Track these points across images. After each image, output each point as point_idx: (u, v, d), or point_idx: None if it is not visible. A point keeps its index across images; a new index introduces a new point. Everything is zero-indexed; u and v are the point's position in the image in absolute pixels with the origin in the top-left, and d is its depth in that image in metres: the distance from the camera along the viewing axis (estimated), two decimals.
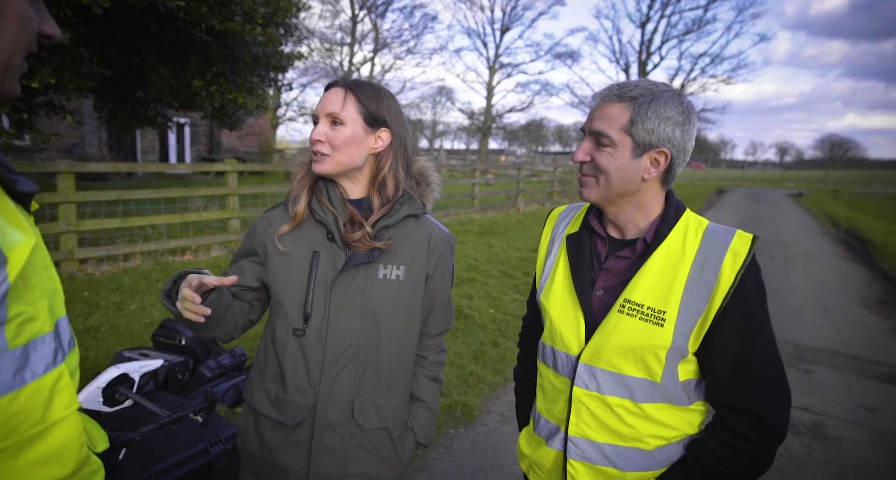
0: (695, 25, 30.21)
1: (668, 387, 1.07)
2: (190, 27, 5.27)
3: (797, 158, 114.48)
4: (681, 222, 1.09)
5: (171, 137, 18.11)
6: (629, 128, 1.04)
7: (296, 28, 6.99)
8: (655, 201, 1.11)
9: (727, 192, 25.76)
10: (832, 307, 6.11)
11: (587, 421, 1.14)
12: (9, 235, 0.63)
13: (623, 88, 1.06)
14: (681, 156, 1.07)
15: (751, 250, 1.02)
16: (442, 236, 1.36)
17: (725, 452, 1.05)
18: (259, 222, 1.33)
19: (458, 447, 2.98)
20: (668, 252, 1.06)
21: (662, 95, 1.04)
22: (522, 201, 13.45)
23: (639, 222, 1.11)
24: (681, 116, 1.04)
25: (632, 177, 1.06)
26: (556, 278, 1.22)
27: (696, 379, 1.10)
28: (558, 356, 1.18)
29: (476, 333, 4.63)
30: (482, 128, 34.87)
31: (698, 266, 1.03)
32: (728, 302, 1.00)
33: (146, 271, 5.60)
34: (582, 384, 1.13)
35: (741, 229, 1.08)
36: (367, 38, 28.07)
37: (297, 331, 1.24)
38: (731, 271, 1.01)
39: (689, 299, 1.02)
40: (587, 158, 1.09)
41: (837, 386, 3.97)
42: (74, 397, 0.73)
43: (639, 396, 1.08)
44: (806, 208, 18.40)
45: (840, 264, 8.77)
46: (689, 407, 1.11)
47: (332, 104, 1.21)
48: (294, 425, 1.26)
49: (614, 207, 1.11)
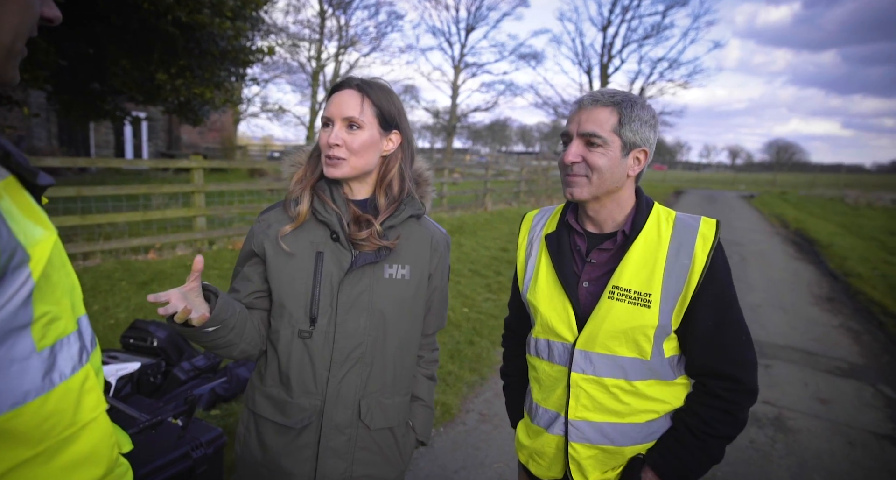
0: (654, 30, 31.11)
1: (656, 364, 1.19)
2: (155, 18, 5.08)
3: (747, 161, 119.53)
4: (653, 213, 1.22)
5: (128, 131, 17.40)
6: (618, 129, 1.15)
7: (263, 22, 6.83)
8: (630, 197, 1.23)
9: (685, 193, 26.66)
10: (787, 305, 6.42)
11: (585, 404, 1.23)
12: (30, 230, 0.61)
13: (605, 94, 1.18)
14: (652, 155, 1.22)
15: (716, 233, 1.17)
16: (441, 236, 1.39)
17: (709, 413, 1.19)
18: (256, 226, 1.30)
19: (438, 446, 3.00)
20: (646, 240, 1.18)
21: (638, 101, 1.17)
22: (490, 200, 13.56)
23: (616, 216, 1.23)
24: (653, 120, 1.19)
25: (620, 174, 1.17)
26: (539, 275, 1.31)
27: (677, 355, 1.23)
28: (553, 347, 1.27)
29: (451, 332, 4.65)
30: (447, 127, 34.93)
31: (674, 251, 1.16)
32: (703, 281, 1.13)
33: (108, 271, 5.39)
34: (579, 370, 1.22)
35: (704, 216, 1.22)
36: (334, 36, 27.70)
37: (304, 333, 1.23)
38: (703, 252, 1.14)
39: (669, 281, 1.15)
40: (578, 159, 1.18)
41: (795, 380, 4.18)
42: (102, 397, 0.72)
43: (632, 374, 1.20)
44: (758, 210, 19.23)
45: (791, 263, 9.22)
46: (674, 382, 1.24)
47: (349, 107, 1.20)
48: (301, 428, 1.25)
49: (598, 203, 1.21)
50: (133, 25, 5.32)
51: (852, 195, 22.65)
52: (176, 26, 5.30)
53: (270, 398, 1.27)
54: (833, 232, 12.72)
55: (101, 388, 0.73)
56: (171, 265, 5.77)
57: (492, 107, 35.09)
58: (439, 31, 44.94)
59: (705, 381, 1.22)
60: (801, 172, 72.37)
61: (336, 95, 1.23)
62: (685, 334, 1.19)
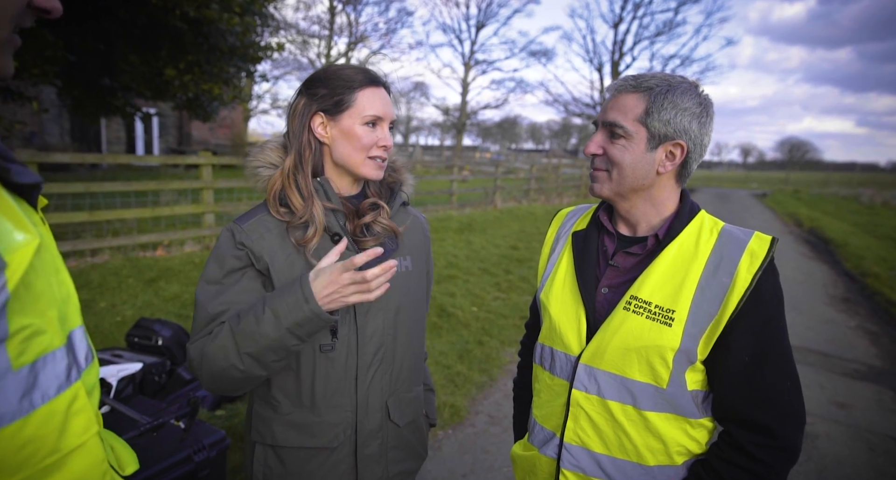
0: (665, 27, 30.73)
1: (675, 395, 1.01)
2: (163, 13, 5.05)
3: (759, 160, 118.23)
4: (695, 220, 1.06)
5: (139, 127, 17.49)
6: (644, 118, 1.00)
7: (272, 18, 6.79)
8: (670, 199, 1.07)
9: (696, 191, 26.40)
10: (802, 306, 6.29)
11: (584, 428, 1.08)
12: (7, 235, 0.55)
13: (638, 79, 1.03)
14: (697, 150, 1.04)
15: (769, 251, 0.98)
16: (425, 221, 1.38)
17: (730, 473, 0.98)
18: (245, 238, 1.13)
19: (447, 449, 2.94)
20: (680, 249, 1.02)
21: (679, 86, 1.01)
22: (500, 198, 13.47)
23: (651, 219, 1.07)
24: (698, 108, 1.02)
25: (646, 171, 1.02)
26: (557, 274, 1.18)
27: (705, 391, 1.04)
28: (557, 357, 1.14)
29: (460, 332, 4.59)
30: (457, 124, 34.81)
31: (712, 266, 0.99)
32: (743, 305, 0.95)
33: (116, 267, 5.38)
34: (581, 387, 1.07)
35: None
36: (343, 32, 27.67)
37: (325, 346, 1.15)
38: (748, 272, 0.96)
39: (702, 299, 0.97)
40: (599, 150, 1.06)
41: (811, 383, 4.08)
42: (93, 418, 0.65)
43: (642, 402, 1.02)
44: (770, 208, 18.98)
45: (806, 263, 9.06)
46: (697, 421, 1.04)
47: (392, 110, 1.18)
48: (336, 446, 1.18)
49: (627, 202, 1.07)
50: (141, 20, 5.30)
51: (867, 194, 22.26)
52: (184, 21, 5.27)
53: (294, 425, 1.17)
54: (848, 231, 12.49)
55: (93, 409, 0.67)
56: (178, 262, 5.76)
57: (502, 104, 34.92)
58: (449, 27, 44.85)
59: (731, 429, 1.01)
60: (814, 171, 71.43)
61: (381, 93, 1.16)
62: (714, 366, 1.00)
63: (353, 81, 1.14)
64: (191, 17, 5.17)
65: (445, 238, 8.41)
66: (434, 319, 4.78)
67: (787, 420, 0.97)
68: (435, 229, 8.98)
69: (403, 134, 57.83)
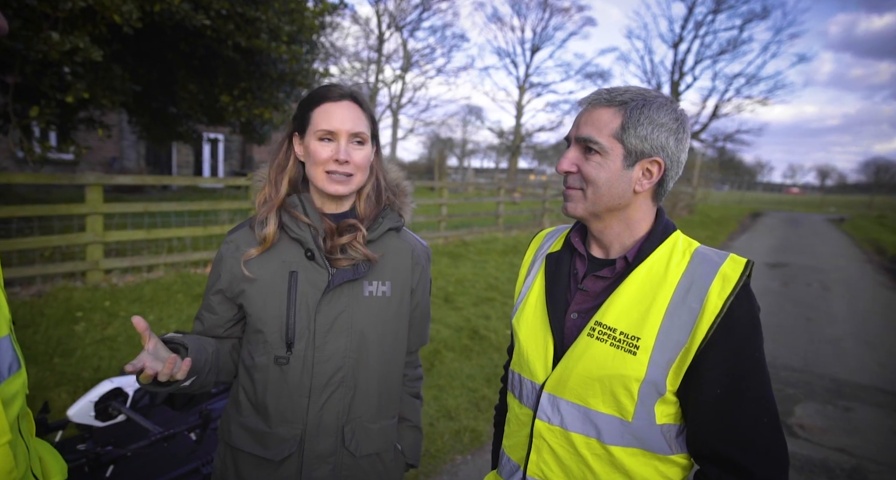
0: (729, 46, 29.75)
1: (642, 429, 0.94)
2: (217, 44, 5.40)
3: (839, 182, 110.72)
4: (668, 241, 0.99)
5: (206, 151, 18.63)
6: (620, 134, 0.95)
7: (322, 46, 7.11)
8: (644, 219, 1.02)
9: (763, 215, 24.97)
10: (874, 339, 5.73)
11: (547, 462, 1.02)
12: None
13: (612, 92, 0.98)
14: (674, 167, 0.98)
15: (743, 274, 0.90)
16: (422, 249, 1.32)
17: None
18: (224, 248, 1.24)
19: (463, 475, 2.84)
20: (648, 273, 0.96)
21: (655, 101, 0.96)
22: (548, 220, 13.28)
23: (625, 240, 1.02)
24: (675, 124, 0.96)
25: (622, 189, 0.97)
26: (529, 299, 1.13)
27: (678, 425, 0.96)
28: (524, 385, 1.08)
29: (491, 354, 4.49)
30: (511, 147, 34.87)
31: (682, 291, 0.92)
32: (714, 333, 0.88)
33: (167, 283, 5.67)
34: (545, 417, 1.01)
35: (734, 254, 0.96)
36: (394, 56, 28.55)
37: (280, 359, 1.16)
38: (719, 297, 0.89)
39: (670, 327, 0.91)
40: (573, 168, 1.00)
41: (881, 427, 3.67)
42: (6, 427, 0.66)
43: (607, 436, 0.95)
44: (848, 234, 17.63)
45: (884, 294, 8.30)
46: (668, 458, 0.96)
47: (355, 124, 1.15)
48: (280, 460, 1.18)
49: (601, 222, 1.02)
50: (199, 51, 5.68)
51: None
52: (237, 51, 5.61)
53: (248, 429, 1.21)
54: None
55: (8, 418, 0.67)
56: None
57: (557, 126, 34.76)
58: (504, 51, 45.34)
59: (708, 470, 0.93)
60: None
61: (333, 107, 1.15)
62: (686, 398, 0.93)
63: (313, 98, 1.17)
64: (242, 47, 5.49)
65: (489, 260, 8.33)
66: (466, 341, 4.70)
67: (766, 461, 0.89)
68: (479, 251, 8.93)
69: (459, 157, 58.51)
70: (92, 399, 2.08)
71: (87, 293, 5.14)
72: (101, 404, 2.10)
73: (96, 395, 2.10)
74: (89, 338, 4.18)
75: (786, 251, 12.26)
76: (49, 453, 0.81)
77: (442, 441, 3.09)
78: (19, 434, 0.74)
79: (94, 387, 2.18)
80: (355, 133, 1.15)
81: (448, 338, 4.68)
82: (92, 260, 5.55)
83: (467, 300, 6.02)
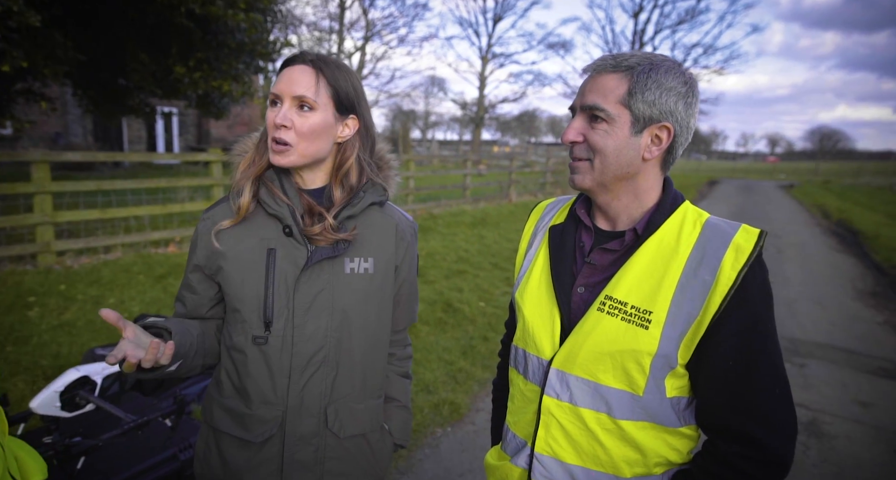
0: (687, 15, 30.02)
1: (653, 403, 0.93)
2: (169, 11, 5.06)
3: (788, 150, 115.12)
4: (677, 212, 0.97)
5: (159, 126, 17.78)
6: (627, 100, 0.91)
7: (282, 14, 6.78)
8: (653, 188, 0.99)
9: (719, 183, 25.77)
10: (826, 300, 6.05)
11: (556, 437, 1.01)
12: None
13: (618, 58, 0.94)
14: (683, 133, 0.95)
15: (756, 246, 0.89)
16: (408, 224, 1.28)
17: None
18: (201, 225, 1.18)
19: (445, 447, 2.87)
20: (659, 245, 0.94)
21: (662, 65, 0.92)
22: (515, 191, 13.34)
23: (633, 211, 0.99)
24: (683, 87, 0.93)
25: (631, 157, 0.94)
26: (533, 272, 1.10)
27: (686, 397, 0.96)
28: (529, 361, 1.06)
29: (465, 327, 4.52)
30: (475, 118, 34.63)
31: (694, 263, 0.91)
32: (727, 305, 0.87)
33: (127, 264, 5.44)
34: (553, 394, 1.00)
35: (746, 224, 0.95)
36: (355, 26, 27.66)
37: (259, 339, 1.12)
38: (733, 269, 0.88)
39: (682, 299, 0.90)
40: (579, 138, 0.96)
41: (833, 381, 3.90)
42: None
43: (617, 411, 0.95)
44: (797, 200, 18.41)
45: (832, 256, 8.74)
46: (677, 430, 0.96)
47: (301, 86, 1.06)
48: (261, 442, 1.15)
49: (609, 194, 0.99)
50: (150, 19, 5.32)
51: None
52: (190, 19, 5.27)
53: (229, 410, 1.18)
54: (880, 223, 12.04)
55: None
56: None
57: (520, 97, 34.65)
58: (466, 21, 44.59)
59: (717, 440, 0.93)
60: (846, 161, 69.15)
61: (287, 71, 1.09)
62: (697, 371, 0.92)
63: (282, 64, 1.12)
64: (197, 15, 5.17)
65: (457, 233, 8.34)
66: (440, 314, 4.71)
67: (776, 431, 0.89)
68: (447, 223, 8.91)
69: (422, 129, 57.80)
70: (57, 389, 1.98)
71: (40, 277, 4.88)
72: (68, 393, 2.01)
73: (61, 384, 2.00)
74: (45, 324, 3.99)
75: (742, 217, 12.72)
76: (26, 452, 0.76)
77: (422, 414, 3.11)
78: None
79: (58, 377, 2.08)
80: (298, 96, 1.06)
81: (422, 312, 4.68)
82: (42, 242, 5.26)
83: (439, 273, 6.02)
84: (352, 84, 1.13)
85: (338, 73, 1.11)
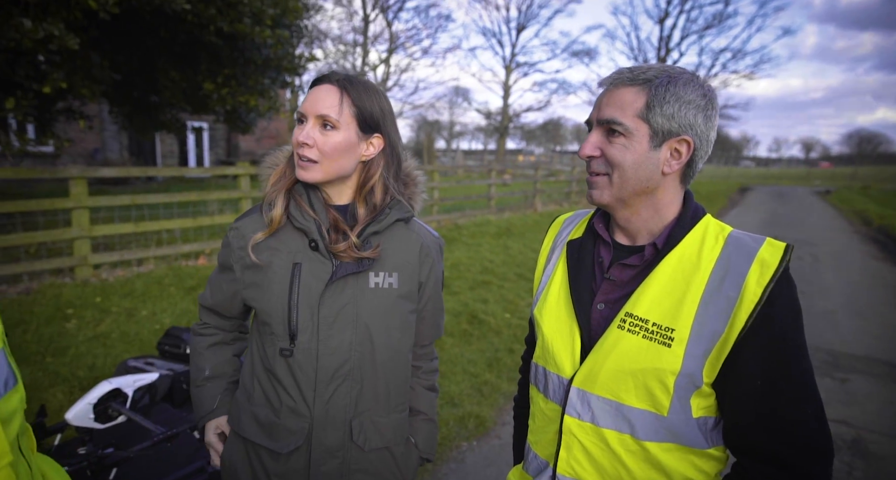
0: (715, 20, 29.56)
1: (678, 423, 0.90)
2: (199, 30, 5.22)
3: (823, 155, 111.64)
4: (698, 226, 0.95)
5: (190, 141, 18.28)
6: (645, 113, 0.90)
7: (307, 30, 6.92)
8: (673, 203, 0.96)
9: (751, 190, 25.13)
10: (867, 311, 5.81)
11: (578, 459, 0.98)
12: None
13: (634, 70, 0.92)
14: (703, 147, 0.94)
15: (783, 260, 0.86)
16: (433, 240, 1.28)
17: None
18: (231, 234, 1.21)
19: (470, 461, 2.83)
20: (680, 260, 0.92)
21: (681, 77, 0.91)
22: (540, 201, 13.25)
23: (652, 226, 0.97)
24: (703, 100, 0.91)
25: (650, 171, 0.92)
26: (551, 288, 1.08)
27: (715, 417, 0.92)
28: (550, 379, 1.04)
29: (491, 339, 4.48)
30: (499, 128, 34.64)
31: (717, 278, 0.88)
32: (753, 322, 0.84)
33: (159, 276, 5.57)
34: (574, 413, 0.97)
35: (771, 238, 0.91)
36: (379, 39, 28.06)
37: (285, 351, 1.14)
38: (758, 284, 0.85)
39: (705, 316, 0.87)
40: (596, 152, 0.95)
41: (877, 397, 3.72)
42: (7, 449, 0.61)
43: (641, 432, 0.92)
44: (835, 206, 17.82)
45: (873, 264, 8.41)
46: (704, 451, 0.93)
47: (324, 105, 1.09)
48: (288, 452, 1.16)
49: (628, 209, 0.97)
50: (180, 37, 5.49)
51: None
52: (219, 36, 5.43)
53: (257, 419, 1.20)
54: None
55: (8, 438, 0.62)
56: None
57: (544, 106, 34.69)
58: (489, 31, 44.84)
59: (746, 463, 0.89)
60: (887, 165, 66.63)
61: (314, 90, 1.13)
62: (724, 390, 0.89)
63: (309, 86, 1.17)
64: (225, 33, 5.32)
65: (482, 243, 8.30)
66: (465, 326, 4.68)
67: (809, 455, 0.84)
68: (472, 234, 8.89)
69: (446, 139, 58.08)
70: (90, 401, 2.03)
71: (77, 290, 5.03)
72: (101, 406, 2.05)
73: (95, 397, 2.05)
74: (82, 336, 4.10)
75: (776, 225, 12.37)
76: (52, 468, 0.76)
77: (447, 428, 3.08)
78: (20, 452, 0.69)
79: (92, 389, 2.12)
80: (321, 115, 1.09)
81: (447, 324, 4.66)
82: (80, 255, 5.43)
83: (464, 285, 5.99)
84: (378, 104, 1.14)
85: (363, 93, 1.12)
